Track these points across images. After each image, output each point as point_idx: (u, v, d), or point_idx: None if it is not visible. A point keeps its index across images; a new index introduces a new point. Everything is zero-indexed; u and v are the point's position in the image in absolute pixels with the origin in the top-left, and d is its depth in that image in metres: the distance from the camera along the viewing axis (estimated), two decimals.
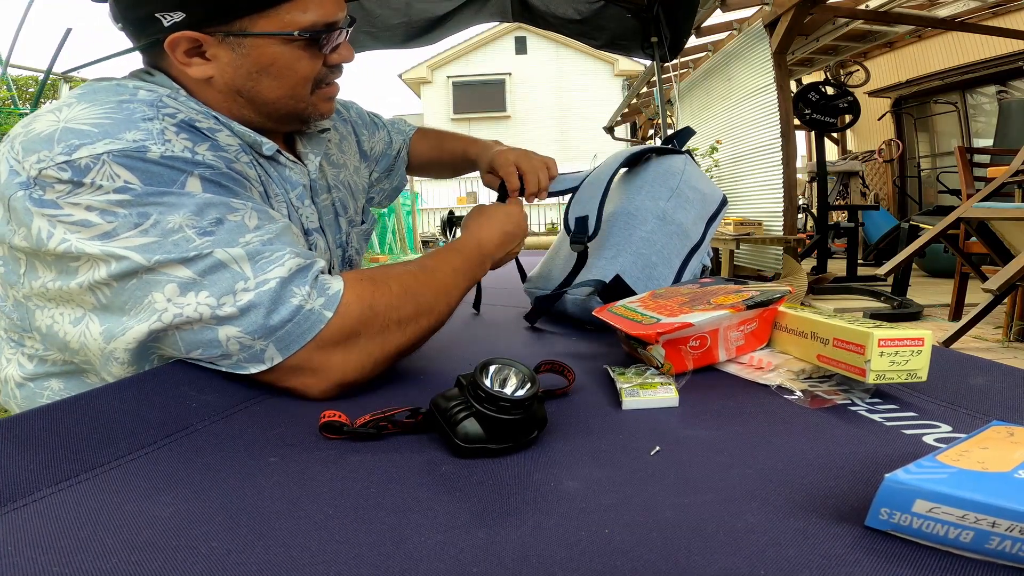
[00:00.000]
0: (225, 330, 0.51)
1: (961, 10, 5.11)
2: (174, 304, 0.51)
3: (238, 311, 0.51)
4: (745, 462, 0.38)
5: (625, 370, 0.56)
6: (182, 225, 0.51)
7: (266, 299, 0.51)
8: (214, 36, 0.59)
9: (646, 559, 0.28)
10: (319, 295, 0.54)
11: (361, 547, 0.29)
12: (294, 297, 0.52)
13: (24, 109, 3.52)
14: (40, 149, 0.50)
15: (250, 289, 0.51)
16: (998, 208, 2.49)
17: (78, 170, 0.49)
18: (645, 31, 2.57)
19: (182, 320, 0.51)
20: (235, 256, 0.52)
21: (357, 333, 0.55)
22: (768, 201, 4.39)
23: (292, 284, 0.53)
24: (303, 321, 0.52)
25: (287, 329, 0.52)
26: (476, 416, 0.39)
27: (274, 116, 0.67)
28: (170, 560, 0.28)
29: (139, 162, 0.51)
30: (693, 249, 0.87)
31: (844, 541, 0.29)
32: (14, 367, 0.62)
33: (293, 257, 0.54)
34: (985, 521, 0.26)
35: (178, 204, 0.51)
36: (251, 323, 0.51)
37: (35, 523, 0.31)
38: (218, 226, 0.52)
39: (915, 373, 0.47)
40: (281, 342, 0.52)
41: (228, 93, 0.63)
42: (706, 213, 0.91)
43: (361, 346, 0.55)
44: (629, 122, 9.26)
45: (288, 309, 0.52)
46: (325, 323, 0.53)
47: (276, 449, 0.41)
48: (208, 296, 0.51)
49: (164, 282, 0.50)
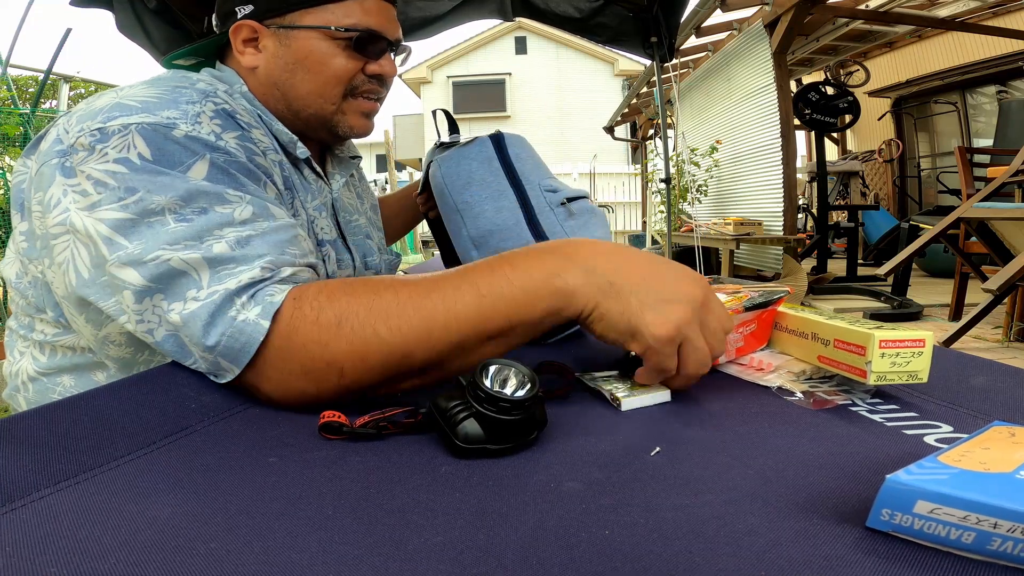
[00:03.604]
0: (183, 335, 0.49)
1: (961, 10, 5.11)
2: (133, 312, 0.50)
3: (182, 321, 0.48)
4: (746, 463, 0.38)
5: (597, 375, 0.55)
6: (164, 208, 0.50)
7: (205, 312, 0.48)
8: (269, 28, 0.66)
9: (647, 560, 0.27)
10: (256, 304, 0.48)
11: (361, 548, 0.29)
12: (232, 309, 0.48)
13: (24, 109, 3.52)
14: (86, 119, 0.52)
15: (199, 299, 0.48)
16: (998, 208, 2.49)
17: (103, 136, 0.51)
18: (645, 31, 2.56)
19: (144, 328, 0.50)
20: (193, 263, 0.49)
21: (306, 343, 0.46)
22: (768, 201, 4.40)
23: (238, 295, 0.48)
24: (238, 334, 0.47)
25: (224, 344, 0.47)
26: (476, 417, 0.39)
27: (303, 115, 0.69)
28: (169, 561, 0.27)
29: (161, 137, 0.51)
30: (521, 204, 0.74)
31: (845, 542, 0.29)
32: (28, 360, 0.63)
33: (256, 269, 0.49)
34: (987, 522, 0.26)
35: (169, 186, 0.50)
36: (194, 335, 0.48)
37: (34, 523, 0.31)
38: (200, 215, 0.50)
39: (916, 374, 0.47)
40: (227, 356, 0.48)
41: (268, 84, 0.67)
42: (485, 177, 0.77)
43: (313, 358, 0.46)
44: (629, 122, 9.26)
45: (224, 323, 0.47)
46: (264, 334, 0.46)
47: (275, 449, 0.41)
48: (163, 299, 0.49)
49: (122, 287, 0.50)
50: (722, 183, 5.28)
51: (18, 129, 3.37)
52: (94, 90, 6.47)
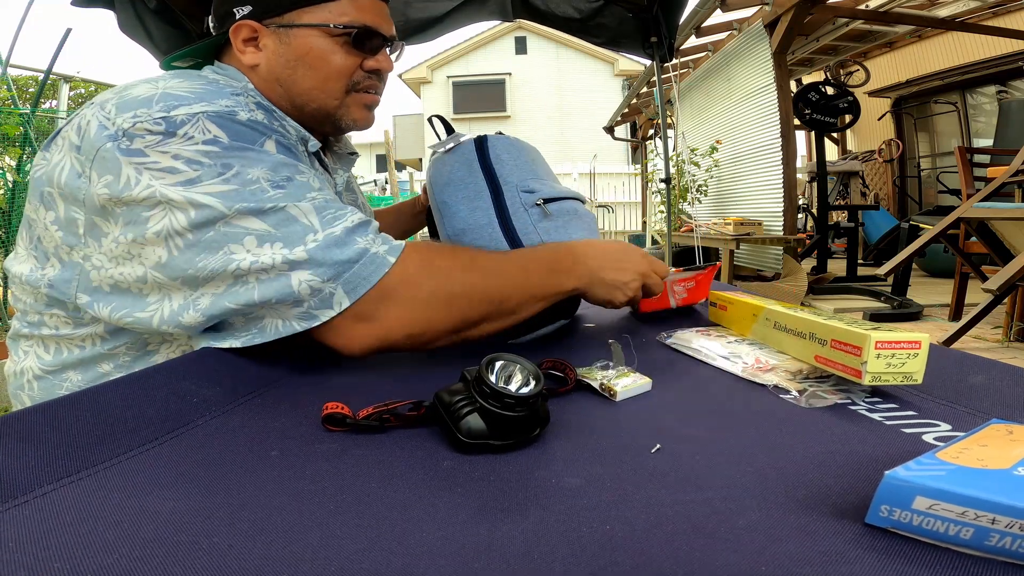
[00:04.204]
0: (297, 275, 0.54)
1: (961, 10, 5.11)
2: (252, 254, 0.54)
3: (308, 256, 0.54)
4: (745, 460, 0.38)
5: (592, 367, 0.56)
6: (259, 178, 0.55)
7: (333, 242, 0.55)
8: (268, 27, 0.68)
9: (648, 555, 0.28)
10: (383, 242, 0.58)
11: (362, 543, 0.29)
12: (358, 243, 0.56)
13: (24, 109, 3.52)
14: (137, 108, 0.55)
15: (319, 239, 0.55)
16: (998, 208, 2.49)
17: (173, 123, 0.54)
18: (645, 31, 2.57)
19: (259, 267, 0.54)
20: (304, 210, 0.56)
21: (418, 285, 0.57)
22: (768, 201, 4.39)
23: (356, 233, 0.57)
24: (369, 263, 0.56)
25: (354, 271, 0.55)
26: (480, 412, 0.39)
27: (306, 110, 0.71)
28: (171, 555, 0.28)
29: (229, 122, 0.57)
30: (494, 200, 0.76)
31: (844, 538, 0.29)
32: (32, 359, 0.63)
33: (356, 213, 0.59)
34: (985, 518, 0.26)
35: (258, 159, 0.56)
36: (320, 265, 0.54)
37: (37, 519, 0.31)
38: (289, 182, 0.57)
39: (911, 376, 0.47)
40: (348, 284, 0.55)
41: (270, 81, 0.69)
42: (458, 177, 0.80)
43: (421, 303, 0.57)
44: (629, 122, 9.26)
45: (354, 250, 0.55)
46: (388, 267, 0.56)
47: (277, 443, 0.41)
48: (283, 247, 0.54)
49: (242, 234, 0.54)
50: (722, 183, 5.28)
51: (18, 129, 3.36)
52: (94, 90, 6.47)
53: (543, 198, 0.77)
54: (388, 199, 7.56)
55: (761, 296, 0.73)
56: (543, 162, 0.88)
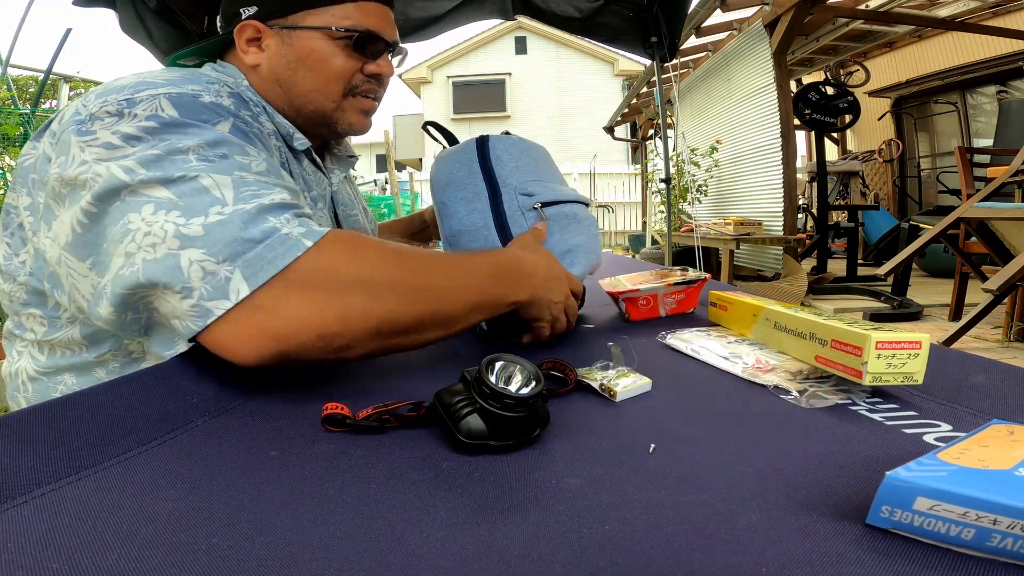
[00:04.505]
0: (188, 253, 0.47)
1: (961, 10, 5.11)
2: (145, 223, 0.47)
3: (204, 231, 0.46)
4: (745, 461, 0.38)
5: (586, 368, 0.56)
6: (189, 149, 0.51)
7: (239, 218, 0.47)
8: (272, 28, 0.68)
9: (648, 556, 0.28)
10: (301, 225, 0.49)
11: (362, 544, 0.29)
12: (269, 223, 0.48)
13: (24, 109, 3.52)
14: (110, 94, 0.54)
15: (224, 213, 0.47)
16: (998, 208, 2.49)
17: (131, 104, 0.52)
18: (645, 31, 2.56)
19: (149, 241, 0.47)
20: (219, 182, 0.49)
21: (336, 274, 0.48)
22: (768, 201, 4.40)
23: (271, 212, 0.49)
24: (277, 245, 0.47)
25: (256, 252, 0.46)
26: (480, 412, 0.39)
27: (305, 111, 0.71)
28: (170, 556, 0.27)
29: (188, 100, 0.54)
30: (492, 199, 0.76)
31: (845, 539, 0.29)
32: (27, 360, 0.63)
33: (283, 192, 0.51)
34: (986, 518, 0.26)
35: (198, 133, 0.52)
36: (216, 242, 0.46)
37: (35, 520, 0.31)
38: (222, 159, 0.51)
39: (911, 376, 0.47)
40: (249, 267, 0.46)
41: (270, 80, 0.70)
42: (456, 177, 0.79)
43: (338, 296, 0.48)
44: (629, 122, 9.25)
45: (261, 229, 0.47)
46: (302, 252, 0.47)
47: (276, 443, 0.41)
48: (179, 216, 0.47)
49: (143, 203, 0.48)
50: (722, 183, 5.28)
51: (18, 129, 3.37)
52: None
53: (541, 202, 0.76)
54: (388, 199, 7.56)
55: (761, 296, 0.73)
56: (549, 163, 0.86)
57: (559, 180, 0.84)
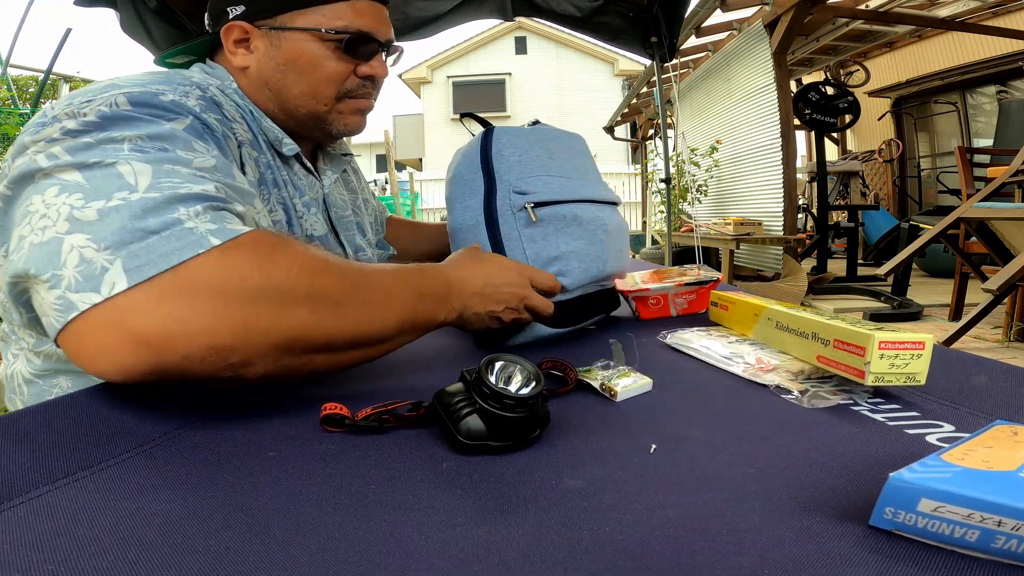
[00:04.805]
0: (72, 239, 0.41)
1: (961, 10, 5.11)
2: (44, 205, 0.42)
3: (97, 216, 0.41)
4: (747, 462, 0.38)
5: (587, 368, 0.56)
6: (126, 138, 0.46)
7: (142, 206, 0.42)
8: (260, 29, 0.66)
9: (649, 558, 0.27)
10: (214, 222, 0.43)
11: (361, 545, 0.29)
12: (176, 214, 0.42)
13: (24, 109, 3.52)
14: (76, 97, 0.51)
15: (130, 199, 0.42)
16: (998, 208, 2.49)
17: (90, 104, 0.49)
18: (645, 31, 2.56)
19: (40, 224, 0.42)
20: (138, 170, 0.44)
21: (241, 277, 0.42)
22: (768, 201, 4.39)
23: (183, 203, 0.43)
24: (174, 238, 0.41)
25: (147, 243, 0.40)
26: (480, 413, 0.39)
27: (296, 115, 0.69)
28: (167, 558, 0.27)
29: (147, 96, 0.51)
30: (487, 195, 0.72)
31: (848, 540, 0.28)
32: (22, 363, 0.62)
33: (208, 184, 0.46)
34: (991, 520, 0.26)
35: (143, 126, 0.48)
36: (105, 228, 0.41)
37: (32, 521, 0.30)
38: (159, 152, 0.46)
39: (914, 376, 0.47)
40: (132, 258, 0.40)
41: (259, 84, 0.67)
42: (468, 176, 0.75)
43: (238, 300, 0.41)
44: (629, 122, 9.26)
45: (162, 220, 0.41)
46: (204, 249, 0.41)
47: (275, 444, 0.41)
48: (79, 198, 0.42)
49: (48, 185, 0.44)
50: (722, 183, 5.28)
51: (18, 129, 3.37)
52: None
53: (535, 201, 0.70)
54: (388, 199, 7.55)
55: (762, 296, 0.72)
56: (574, 155, 0.79)
57: (582, 174, 0.77)
